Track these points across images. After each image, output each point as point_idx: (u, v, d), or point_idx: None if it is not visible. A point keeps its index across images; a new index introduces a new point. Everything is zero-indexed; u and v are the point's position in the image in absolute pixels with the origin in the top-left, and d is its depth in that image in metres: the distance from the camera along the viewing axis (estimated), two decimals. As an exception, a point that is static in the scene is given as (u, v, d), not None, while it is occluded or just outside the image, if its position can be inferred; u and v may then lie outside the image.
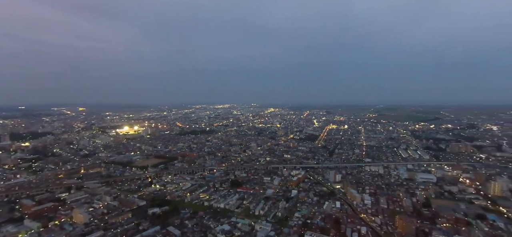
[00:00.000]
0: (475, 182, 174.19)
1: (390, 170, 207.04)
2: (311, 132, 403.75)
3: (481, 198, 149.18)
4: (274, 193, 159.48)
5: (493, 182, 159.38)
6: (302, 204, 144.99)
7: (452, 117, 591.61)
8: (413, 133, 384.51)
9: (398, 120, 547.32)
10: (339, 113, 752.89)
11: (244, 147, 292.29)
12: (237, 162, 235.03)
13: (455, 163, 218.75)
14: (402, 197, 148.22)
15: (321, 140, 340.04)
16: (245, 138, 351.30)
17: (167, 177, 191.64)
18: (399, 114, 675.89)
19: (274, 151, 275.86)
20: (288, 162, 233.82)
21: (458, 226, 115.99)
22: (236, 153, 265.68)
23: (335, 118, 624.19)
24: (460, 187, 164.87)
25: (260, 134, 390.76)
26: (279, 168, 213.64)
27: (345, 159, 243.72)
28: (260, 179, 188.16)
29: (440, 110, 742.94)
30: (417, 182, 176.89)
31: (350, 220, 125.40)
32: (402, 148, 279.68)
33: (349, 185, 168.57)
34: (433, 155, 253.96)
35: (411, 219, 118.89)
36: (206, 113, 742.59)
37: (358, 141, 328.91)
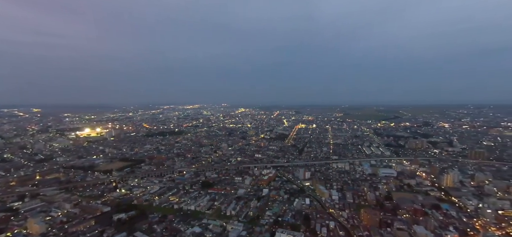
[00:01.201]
0: (431, 175, 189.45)
1: (355, 166, 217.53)
2: (281, 132, 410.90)
3: (436, 190, 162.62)
4: (245, 193, 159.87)
5: (445, 175, 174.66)
6: (273, 202, 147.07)
7: (410, 116, 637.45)
8: (376, 131, 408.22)
9: (362, 119, 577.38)
10: (307, 112, 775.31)
11: (215, 148, 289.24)
12: (207, 163, 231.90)
13: (412, 158, 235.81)
14: (367, 191, 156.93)
15: (291, 139, 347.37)
16: (216, 139, 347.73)
17: (134, 181, 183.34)
18: (362, 113, 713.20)
19: (245, 151, 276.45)
20: (259, 161, 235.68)
21: (416, 216, 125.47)
22: (207, 154, 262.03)
23: (304, 117, 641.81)
24: (418, 180, 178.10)
25: (231, 134, 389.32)
26: (250, 167, 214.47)
27: (314, 157, 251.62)
28: (232, 179, 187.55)
29: (399, 109, 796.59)
30: (380, 176, 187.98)
31: (319, 215, 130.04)
32: (366, 145, 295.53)
33: (318, 182, 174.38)
34: (394, 151, 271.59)
35: (375, 212, 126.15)
36: (175, 114, 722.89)
37: (326, 140, 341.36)
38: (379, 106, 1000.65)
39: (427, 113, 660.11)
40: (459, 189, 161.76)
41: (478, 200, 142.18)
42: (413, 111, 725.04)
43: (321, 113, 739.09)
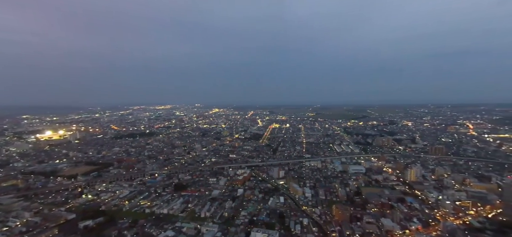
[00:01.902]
0: (396, 171, 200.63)
1: (327, 164, 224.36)
2: (255, 132, 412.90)
3: (401, 184, 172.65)
4: (220, 194, 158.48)
5: (409, 170, 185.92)
6: (248, 202, 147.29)
7: (377, 115, 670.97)
8: (346, 130, 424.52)
9: (333, 118, 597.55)
10: (281, 112, 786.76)
11: (188, 149, 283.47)
12: (181, 164, 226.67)
13: (379, 155, 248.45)
14: (338, 188, 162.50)
15: (265, 139, 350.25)
16: (189, 140, 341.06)
17: (101, 186, 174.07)
18: (333, 113, 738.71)
19: (220, 152, 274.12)
20: (234, 161, 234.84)
21: (383, 210, 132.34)
22: (180, 156, 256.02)
23: (278, 117, 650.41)
24: (384, 176, 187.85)
25: (205, 135, 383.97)
26: (224, 168, 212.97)
27: (288, 156, 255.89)
28: (206, 180, 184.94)
29: (367, 109, 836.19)
30: (350, 173, 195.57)
31: (293, 213, 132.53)
32: (336, 144, 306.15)
33: (292, 180, 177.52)
34: (362, 148, 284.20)
35: (345, 207, 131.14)
36: (146, 115, 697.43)
37: (299, 139, 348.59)
38: (349, 106, 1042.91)
39: (393, 112, 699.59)
40: (422, 183, 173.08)
41: (438, 192, 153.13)
42: (380, 111, 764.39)
43: (294, 113, 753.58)
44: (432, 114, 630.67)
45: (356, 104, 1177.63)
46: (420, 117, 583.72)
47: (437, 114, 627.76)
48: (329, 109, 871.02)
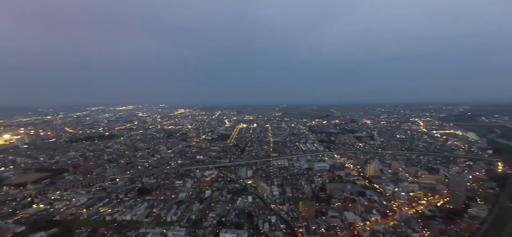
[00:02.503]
0: (357, 166, 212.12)
1: (293, 162, 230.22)
2: (223, 132, 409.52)
3: (361, 179, 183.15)
4: (187, 196, 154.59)
5: (369, 165, 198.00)
6: (216, 203, 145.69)
7: (339, 114, 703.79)
8: (310, 129, 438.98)
9: (298, 118, 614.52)
10: (248, 112, 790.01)
11: (153, 151, 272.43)
12: (144, 168, 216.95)
13: (342, 152, 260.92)
14: (304, 185, 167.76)
15: (232, 139, 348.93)
16: (153, 142, 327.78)
17: (55, 194, 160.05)
18: (299, 112, 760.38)
19: (186, 153, 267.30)
20: (201, 163, 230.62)
21: (346, 204, 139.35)
22: (143, 158, 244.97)
23: (245, 117, 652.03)
24: (347, 171, 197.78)
25: (170, 136, 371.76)
26: (191, 170, 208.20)
27: (255, 155, 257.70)
28: (172, 183, 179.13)
29: (330, 108, 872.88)
30: (315, 170, 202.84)
31: (261, 211, 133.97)
32: (302, 142, 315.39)
33: (260, 179, 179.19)
34: (326, 146, 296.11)
35: (311, 203, 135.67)
36: (105, 116, 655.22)
37: (266, 138, 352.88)
38: (313, 105, 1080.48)
39: (353, 112, 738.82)
40: (380, 177, 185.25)
41: (394, 185, 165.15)
42: (342, 110, 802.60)
43: (261, 113, 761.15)
44: (388, 113, 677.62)
45: (320, 104, 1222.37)
46: (378, 115, 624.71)
47: (392, 113, 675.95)
48: (295, 109, 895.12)
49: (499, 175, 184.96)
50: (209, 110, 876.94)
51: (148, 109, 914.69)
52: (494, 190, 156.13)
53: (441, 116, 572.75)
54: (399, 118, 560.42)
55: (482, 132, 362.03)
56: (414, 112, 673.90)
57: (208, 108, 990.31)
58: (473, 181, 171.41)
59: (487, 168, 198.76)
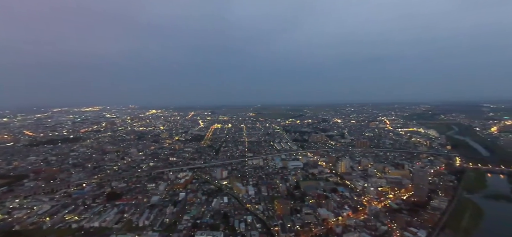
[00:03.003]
0: (329, 164, 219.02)
1: (268, 161, 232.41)
2: (196, 133, 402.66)
3: (334, 176, 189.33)
4: (160, 200, 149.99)
5: (340, 162, 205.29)
6: (191, 205, 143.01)
7: (312, 113, 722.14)
8: (284, 128, 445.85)
9: (273, 117, 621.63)
10: (223, 113, 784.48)
11: (122, 154, 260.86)
12: (113, 171, 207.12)
13: (315, 150, 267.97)
14: (279, 184, 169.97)
15: (207, 140, 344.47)
16: (123, 144, 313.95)
17: (14, 202, 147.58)
18: (273, 112, 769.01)
19: (158, 155, 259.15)
20: (174, 164, 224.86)
21: (319, 200, 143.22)
22: (112, 162, 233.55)
23: (220, 117, 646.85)
24: (320, 169, 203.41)
25: (141, 138, 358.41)
26: (164, 172, 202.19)
27: (230, 156, 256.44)
28: (143, 187, 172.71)
29: (303, 108, 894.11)
30: (289, 169, 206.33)
31: (237, 212, 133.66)
32: (276, 142, 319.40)
33: (235, 179, 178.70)
34: (300, 145, 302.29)
35: (286, 201, 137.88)
36: (69, 118, 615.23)
37: (241, 138, 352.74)
38: (287, 105, 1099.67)
39: (325, 111, 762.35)
40: (350, 173, 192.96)
41: (364, 181, 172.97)
42: (314, 110, 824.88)
43: (236, 113, 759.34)
44: (357, 112, 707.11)
45: (293, 103, 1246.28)
46: (348, 115, 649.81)
47: (361, 112, 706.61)
48: (269, 109, 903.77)
49: (457, 169, 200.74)
50: (182, 110, 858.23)
51: (117, 110, 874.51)
52: (453, 183, 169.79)
53: (405, 115, 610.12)
54: (367, 117, 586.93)
55: (442, 129, 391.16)
56: (381, 111, 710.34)
57: (181, 108, 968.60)
58: (434, 175, 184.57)
59: (446, 162, 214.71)
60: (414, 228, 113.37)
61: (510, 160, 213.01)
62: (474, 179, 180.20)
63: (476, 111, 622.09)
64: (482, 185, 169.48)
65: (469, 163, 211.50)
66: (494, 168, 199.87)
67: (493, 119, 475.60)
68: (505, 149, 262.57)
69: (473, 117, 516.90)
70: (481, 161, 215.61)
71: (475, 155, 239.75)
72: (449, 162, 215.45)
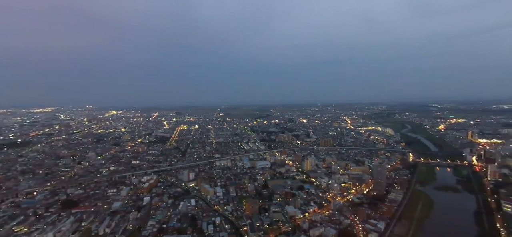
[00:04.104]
0: (295, 162, 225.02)
1: (236, 161, 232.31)
2: (161, 134, 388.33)
3: (300, 174, 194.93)
4: (122, 205, 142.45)
5: (306, 161, 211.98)
6: (156, 209, 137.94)
7: (278, 114, 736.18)
8: (252, 128, 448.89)
9: (240, 118, 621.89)
10: (189, 113, 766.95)
11: (79, 159, 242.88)
12: (69, 177, 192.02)
13: (282, 150, 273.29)
14: (247, 184, 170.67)
15: (173, 142, 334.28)
16: (80, 148, 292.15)
17: None
18: (241, 113, 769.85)
19: (120, 159, 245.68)
20: (138, 168, 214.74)
21: (287, 198, 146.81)
22: (68, 167, 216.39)
23: (186, 118, 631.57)
24: (287, 168, 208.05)
25: (100, 141, 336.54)
26: (127, 176, 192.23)
27: (198, 157, 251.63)
28: (104, 192, 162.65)
29: (270, 109, 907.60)
30: (257, 168, 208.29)
31: (205, 214, 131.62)
32: (244, 142, 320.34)
33: (203, 181, 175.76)
34: (267, 145, 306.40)
35: (254, 201, 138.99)
36: (16, 120, 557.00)
37: (208, 139, 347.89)
38: (254, 106, 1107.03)
39: (291, 111, 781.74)
40: (316, 171, 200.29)
41: (328, 177, 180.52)
42: (281, 110, 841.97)
43: (202, 114, 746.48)
44: (321, 112, 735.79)
45: (260, 104, 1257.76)
46: (312, 114, 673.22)
47: (325, 112, 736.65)
48: (237, 109, 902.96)
49: (411, 163, 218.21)
50: (145, 111, 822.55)
51: (72, 111, 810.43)
52: (407, 177, 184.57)
53: (365, 115, 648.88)
54: (330, 117, 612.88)
55: (397, 127, 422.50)
56: (343, 111, 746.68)
57: (144, 109, 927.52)
58: (391, 170, 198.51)
59: (401, 158, 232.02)
60: (374, 220, 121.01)
61: (455, 154, 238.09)
62: (425, 172, 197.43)
63: (426, 111, 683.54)
64: (432, 178, 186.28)
65: (421, 158, 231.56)
66: (442, 162, 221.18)
67: (440, 118, 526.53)
68: (450, 144, 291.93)
69: (423, 116, 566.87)
70: (431, 156, 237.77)
71: (425, 151, 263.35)
72: (403, 158, 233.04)
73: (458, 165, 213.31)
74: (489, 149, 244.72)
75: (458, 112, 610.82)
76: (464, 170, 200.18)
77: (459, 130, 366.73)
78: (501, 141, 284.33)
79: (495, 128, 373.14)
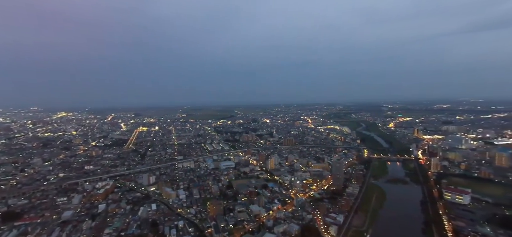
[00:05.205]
0: (259, 162, 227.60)
1: (200, 163, 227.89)
2: (118, 137, 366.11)
3: (264, 173, 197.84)
4: (74, 215, 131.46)
5: (269, 160, 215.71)
6: (114, 217, 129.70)
7: (242, 114, 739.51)
8: (216, 129, 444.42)
9: (204, 118, 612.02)
10: (149, 115, 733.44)
11: (22, 165, 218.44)
12: (10, 186, 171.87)
13: (246, 150, 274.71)
14: (211, 185, 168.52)
15: (131, 144, 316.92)
16: (23, 154, 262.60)
17: None
18: (204, 113, 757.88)
19: (71, 164, 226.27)
20: (91, 174, 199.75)
21: (251, 197, 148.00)
22: (8, 175, 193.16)
23: (145, 120, 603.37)
24: (251, 167, 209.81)
25: (48, 145, 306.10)
26: (79, 183, 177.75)
27: (158, 160, 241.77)
28: (52, 201, 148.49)
29: (234, 109, 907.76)
30: (221, 169, 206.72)
31: (167, 218, 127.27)
32: (208, 143, 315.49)
33: (164, 184, 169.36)
34: (231, 145, 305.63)
35: (219, 202, 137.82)
36: None
37: (170, 141, 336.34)
38: (218, 106, 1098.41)
39: (255, 112, 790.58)
40: (279, 169, 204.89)
41: (291, 175, 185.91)
42: (245, 110, 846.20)
43: (163, 115, 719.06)
44: (284, 112, 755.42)
45: (224, 104, 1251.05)
46: (275, 115, 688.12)
47: (287, 112, 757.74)
48: (200, 110, 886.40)
49: (365, 159, 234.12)
50: (99, 113, 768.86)
51: (13, 113, 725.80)
52: (363, 172, 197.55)
53: (324, 114, 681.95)
54: (292, 116, 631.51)
55: (353, 126, 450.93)
56: (304, 111, 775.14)
57: (98, 110, 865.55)
58: (348, 166, 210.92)
59: (357, 154, 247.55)
60: (334, 213, 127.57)
61: (403, 150, 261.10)
62: (378, 167, 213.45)
63: (378, 111, 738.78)
64: (384, 172, 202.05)
65: (374, 154, 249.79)
66: (392, 157, 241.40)
67: (390, 117, 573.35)
68: (399, 141, 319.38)
69: (376, 115, 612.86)
70: (383, 152, 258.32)
71: (378, 147, 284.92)
72: (359, 154, 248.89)
73: (406, 159, 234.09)
74: (432, 144, 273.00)
75: (406, 112, 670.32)
76: (411, 164, 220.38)
77: (407, 128, 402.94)
78: (442, 137, 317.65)
79: (437, 125, 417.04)
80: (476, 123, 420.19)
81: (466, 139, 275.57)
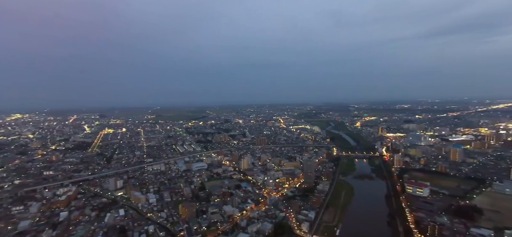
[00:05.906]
0: (233, 162, 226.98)
1: (171, 165, 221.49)
2: (81, 140, 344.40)
3: (237, 173, 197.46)
4: (32, 224, 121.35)
5: (242, 160, 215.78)
6: (77, 225, 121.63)
7: (214, 114, 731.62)
8: (187, 130, 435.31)
9: (174, 119, 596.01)
10: (115, 116, 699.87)
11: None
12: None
13: (219, 150, 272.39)
14: (183, 187, 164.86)
15: (95, 147, 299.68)
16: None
17: None
18: (174, 114, 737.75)
19: (27, 170, 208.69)
20: (51, 180, 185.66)
21: (225, 198, 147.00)
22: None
23: (111, 121, 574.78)
24: (224, 168, 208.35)
25: (1, 150, 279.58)
26: (37, 190, 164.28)
27: (126, 163, 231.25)
28: (7, 211, 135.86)
29: (206, 109, 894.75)
30: (193, 171, 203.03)
31: (136, 223, 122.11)
32: (179, 144, 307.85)
33: (132, 188, 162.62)
34: (204, 146, 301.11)
35: (191, 204, 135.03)
36: None
37: (139, 143, 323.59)
38: (189, 107, 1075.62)
39: (227, 112, 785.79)
40: (252, 169, 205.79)
41: (264, 174, 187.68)
42: (217, 111, 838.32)
43: (131, 116, 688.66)
44: (256, 113, 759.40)
45: (195, 105, 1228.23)
46: (248, 115, 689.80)
47: (260, 113, 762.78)
48: (170, 111, 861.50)
49: (335, 157, 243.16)
50: (60, 114, 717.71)
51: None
52: (332, 169, 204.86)
53: (295, 114, 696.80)
54: (265, 117, 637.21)
55: (323, 125, 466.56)
56: (276, 111, 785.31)
57: (58, 112, 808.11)
58: (319, 164, 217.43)
59: (327, 152, 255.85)
60: (306, 210, 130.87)
61: (369, 147, 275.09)
62: (347, 164, 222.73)
63: (346, 110, 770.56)
64: (352, 169, 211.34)
65: (343, 152, 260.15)
66: (359, 154, 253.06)
67: (357, 116, 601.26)
68: (366, 139, 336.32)
69: (344, 115, 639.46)
70: (351, 150, 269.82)
71: (346, 145, 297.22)
72: (329, 152, 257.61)
73: (372, 156, 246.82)
74: (395, 141, 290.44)
75: (371, 111, 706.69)
76: (376, 161, 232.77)
77: (372, 127, 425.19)
78: (403, 135, 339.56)
79: (399, 124, 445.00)
80: (433, 122, 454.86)
81: (424, 136, 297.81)
